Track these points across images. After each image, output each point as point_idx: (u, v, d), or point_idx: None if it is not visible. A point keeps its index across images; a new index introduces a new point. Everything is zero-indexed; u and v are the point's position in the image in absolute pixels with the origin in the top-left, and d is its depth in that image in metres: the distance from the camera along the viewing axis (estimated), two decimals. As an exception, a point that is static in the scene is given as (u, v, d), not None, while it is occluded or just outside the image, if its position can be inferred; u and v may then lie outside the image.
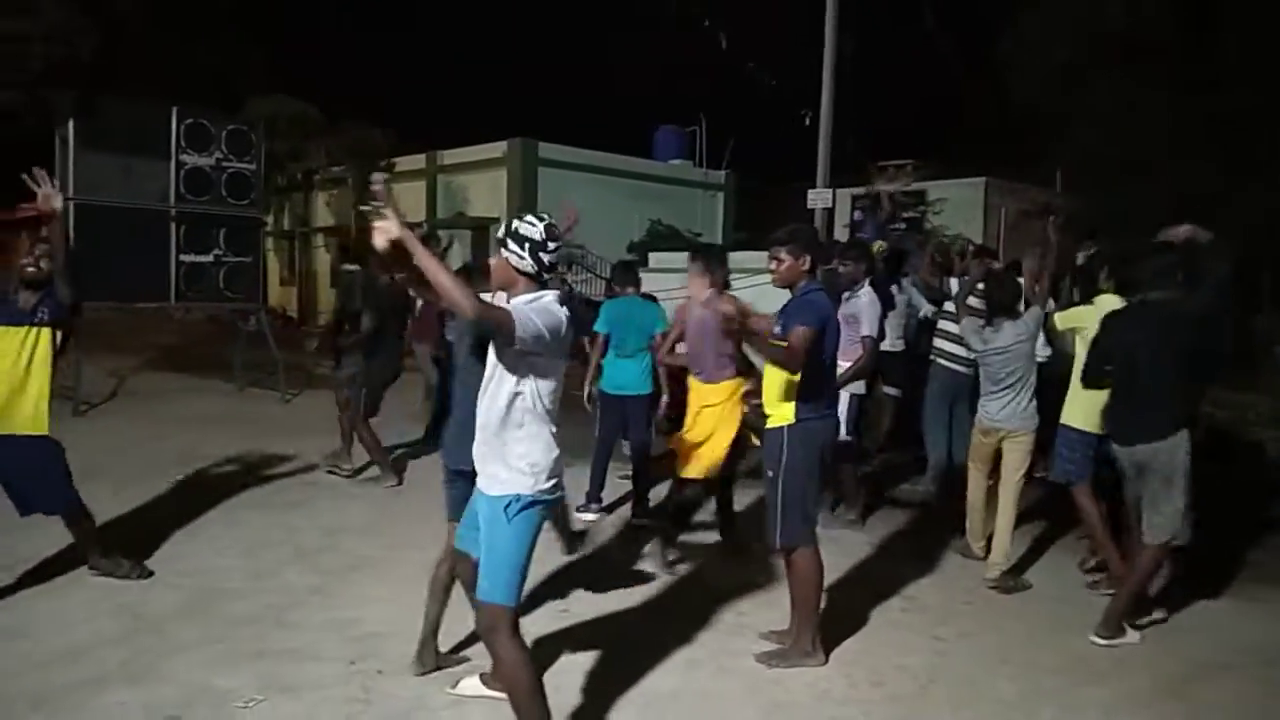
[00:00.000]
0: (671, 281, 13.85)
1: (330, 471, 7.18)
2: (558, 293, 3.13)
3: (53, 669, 3.81)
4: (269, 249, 23.52)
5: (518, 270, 3.07)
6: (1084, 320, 5.17)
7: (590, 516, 6.24)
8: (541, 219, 3.09)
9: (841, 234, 16.44)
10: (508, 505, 3.02)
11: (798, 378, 3.98)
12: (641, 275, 7.40)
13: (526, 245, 3.04)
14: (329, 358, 7.61)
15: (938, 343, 6.83)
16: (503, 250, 3.08)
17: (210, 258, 10.34)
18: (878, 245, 7.93)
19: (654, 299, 6.90)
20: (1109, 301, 5.19)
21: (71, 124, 9.32)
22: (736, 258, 15.58)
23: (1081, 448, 5.11)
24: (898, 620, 4.74)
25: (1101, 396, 4.85)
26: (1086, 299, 5.60)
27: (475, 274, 3.97)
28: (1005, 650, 4.38)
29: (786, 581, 4.31)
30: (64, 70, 15.16)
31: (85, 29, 15.67)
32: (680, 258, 16.09)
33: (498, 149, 19.18)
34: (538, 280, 3.08)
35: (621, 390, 6.23)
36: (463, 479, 3.53)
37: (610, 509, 6.48)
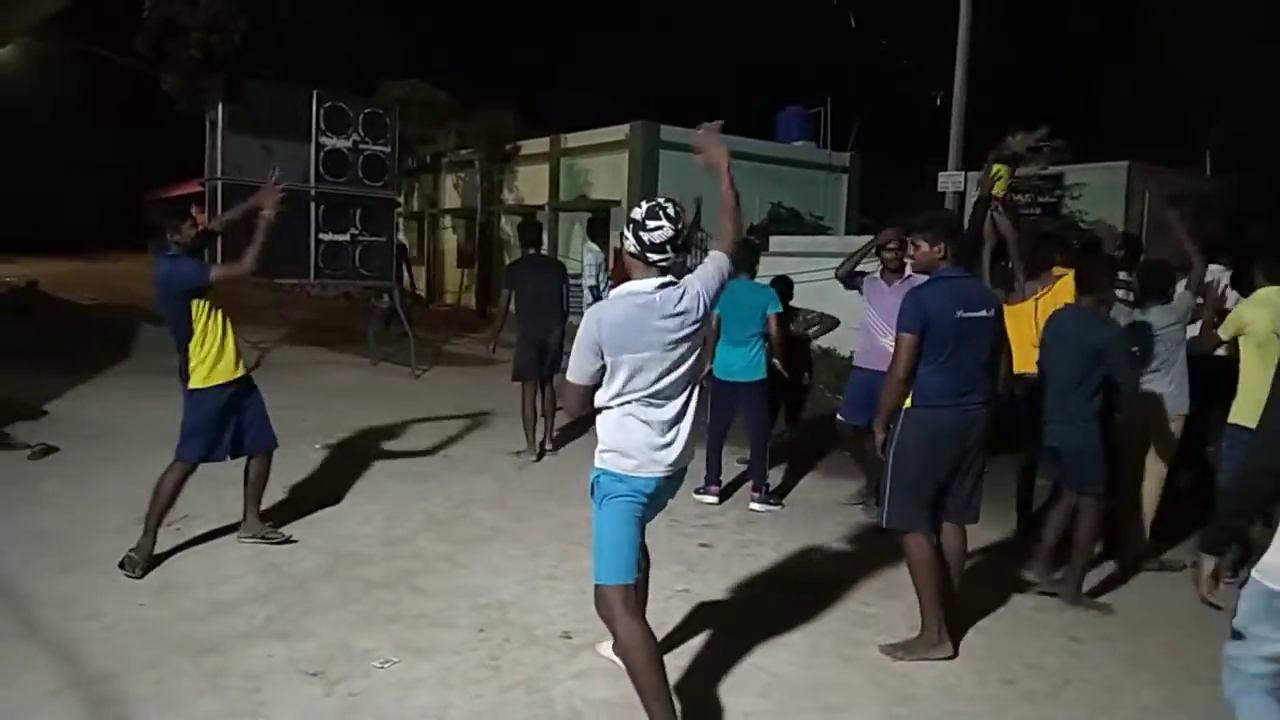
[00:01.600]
0: (792, 265, 13.70)
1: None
2: (663, 278, 3.10)
3: (206, 620, 4.07)
4: (400, 229, 24.35)
5: (628, 253, 3.12)
6: (1247, 320, 4.94)
7: (709, 499, 6.25)
8: (651, 200, 3.13)
9: (971, 218, 15.92)
10: (592, 487, 3.14)
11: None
12: (761, 259, 7.41)
13: (631, 225, 3.09)
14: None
15: None
16: (622, 236, 3.15)
17: (347, 236, 10.74)
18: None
19: (788, 280, 6.95)
20: (1268, 295, 4.94)
21: (220, 107, 9.80)
22: (857, 241, 15.34)
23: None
24: (1030, 619, 4.59)
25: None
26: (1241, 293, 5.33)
27: None
28: (1146, 655, 4.19)
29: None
30: (216, 57, 15.99)
31: (237, 17, 16.46)
32: (801, 241, 15.92)
33: (620, 132, 19.25)
34: (643, 260, 3.09)
35: (732, 376, 6.20)
36: None
37: (727, 493, 6.48)
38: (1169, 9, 12.37)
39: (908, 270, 5.66)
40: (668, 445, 3.13)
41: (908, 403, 4.04)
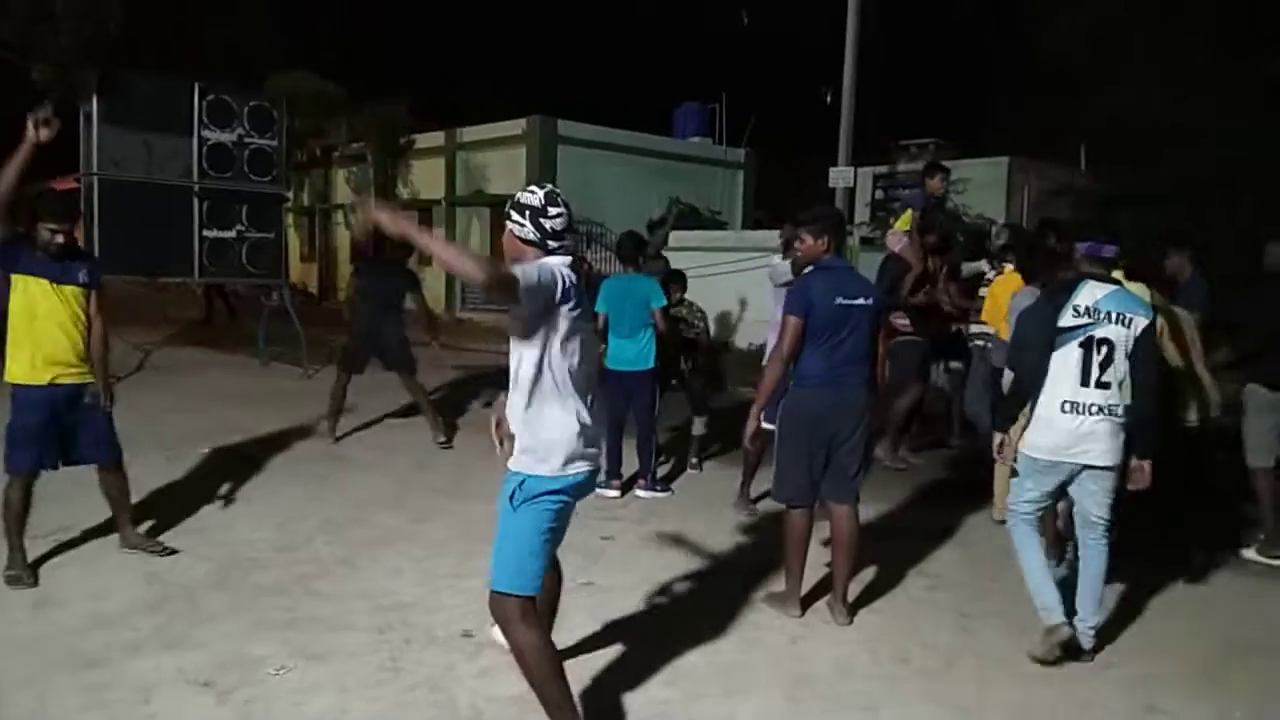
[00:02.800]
0: (690, 260, 13.83)
1: None
2: (567, 259, 3.09)
3: (88, 635, 3.88)
4: (289, 225, 23.64)
5: (521, 240, 3.06)
6: None
7: (611, 493, 6.27)
8: (543, 187, 3.11)
9: (863, 213, 16.35)
10: (514, 489, 2.99)
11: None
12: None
13: (527, 213, 3.03)
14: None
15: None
16: (507, 222, 3.08)
17: (233, 233, 10.39)
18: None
19: (680, 272, 7.14)
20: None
21: (95, 100, 9.36)
22: (755, 236, 15.61)
23: None
24: (923, 598, 4.75)
25: None
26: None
27: None
28: (1030, 627, 4.37)
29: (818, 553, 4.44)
30: (90, 47, 15.24)
31: (111, 5, 15.71)
32: (699, 236, 16.09)
33: (517, 126, 19.12)
34: (542, 248, 3.05)
35: (622, 366, 6.35)
36: None
37: (629, 485, 6.51)
38: (1044, 6, 12.90)
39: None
40: (588, 438, 3.09)
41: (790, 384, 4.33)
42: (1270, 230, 6.12)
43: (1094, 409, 3.96)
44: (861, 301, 4.27)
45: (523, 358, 3.01)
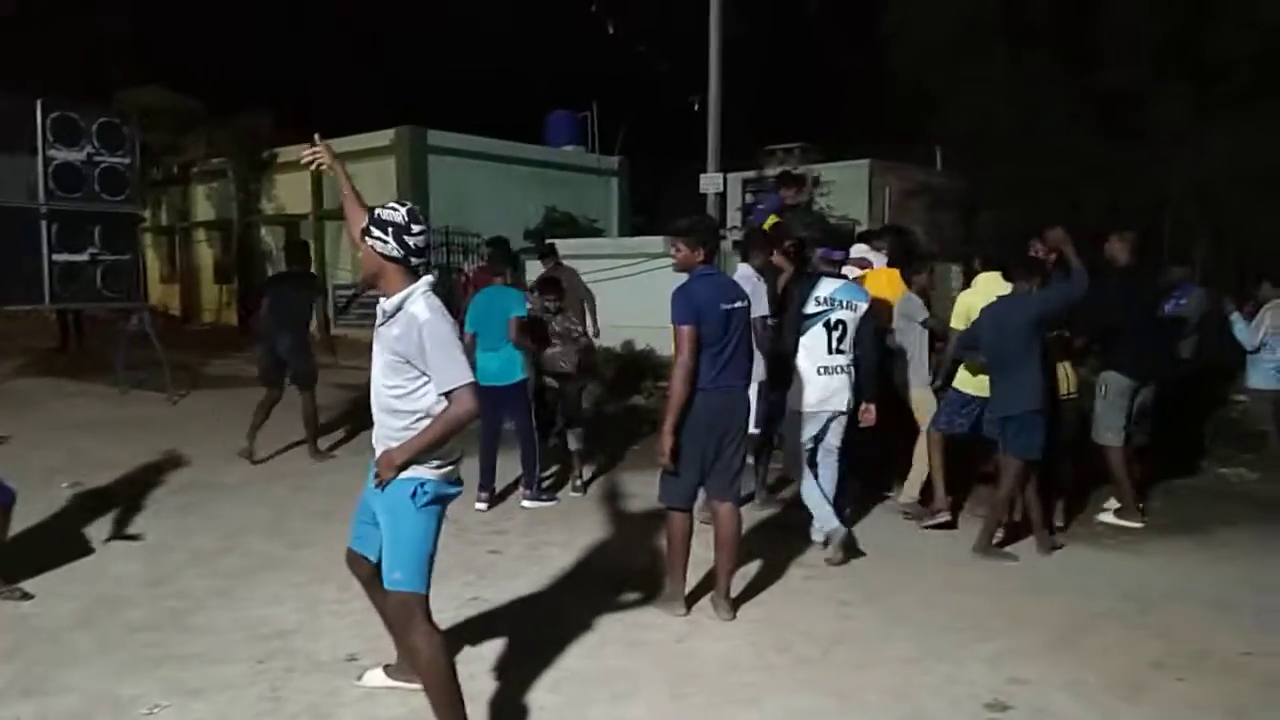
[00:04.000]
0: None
1: None
2: (429, 281, 3.13)
3: (-61, 689, 3.66)
4: (147, 245, 22.58)
5: (384, 256, 3.06)
6: (972, 304, 5.90)
7: (480, 506, 6.24)
8: (404, 204, 3.13)
9: (734, 217, 16.69)
10: (414, 492, 3.03)
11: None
12: (538, 262, 7.50)
13: (390, 230, 3.04)
14: None
15: None
16: (367, 239, 3.07)
17: (86, 256, 9.89)
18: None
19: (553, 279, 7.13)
20: (987, 282, 5.95)
21: (-74, 119, 8.80)
22: (633, 243, 15.76)
23: None
24: (800, 588, 4.92)
25: None
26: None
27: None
28: (904, 612, 4.59)
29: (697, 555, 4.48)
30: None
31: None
32: (577, 244, 16.14)
33: (384, 137, 18.75)
34: (405, 264, 3.08)
35: (490, 381, 6.11)
36: None
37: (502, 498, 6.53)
38: (894, 14, 13.45)
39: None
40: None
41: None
42: (1109, 229, 6.61)
43: (837, 369, 5.39)
44: (740, 304, 4.45)
45: (414, 387, 3.08)
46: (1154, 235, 10.92)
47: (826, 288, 5.48)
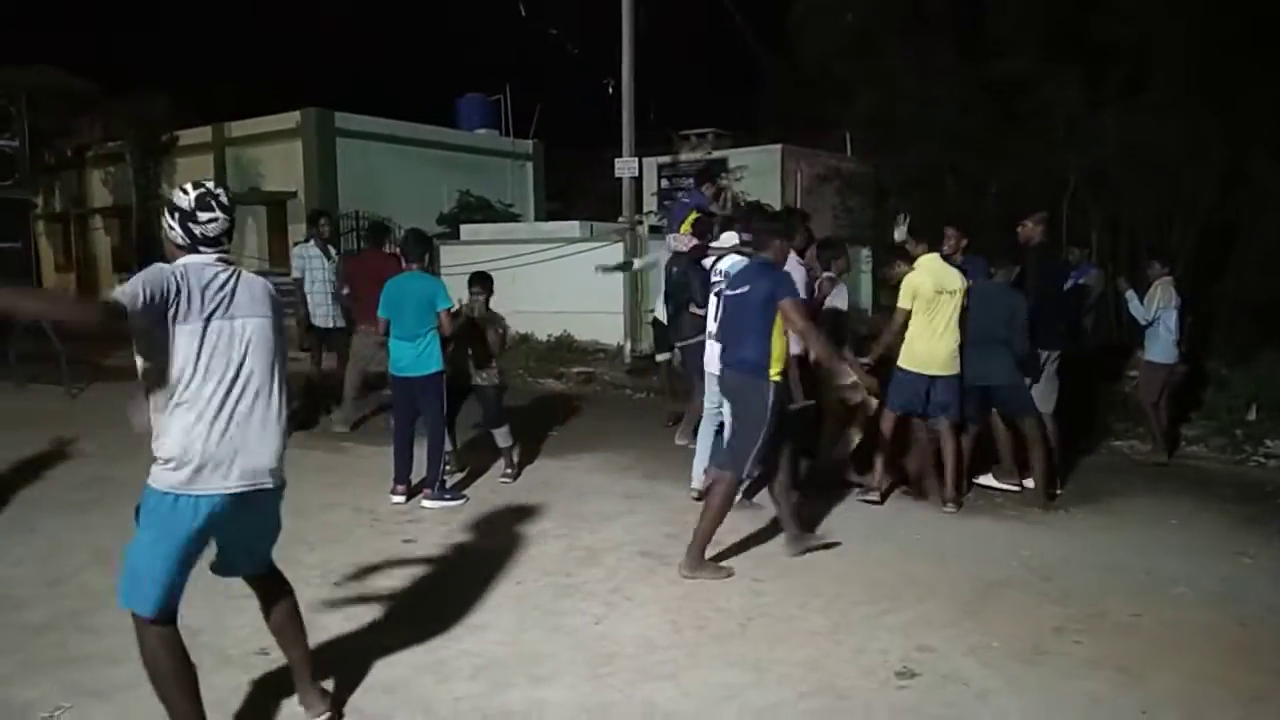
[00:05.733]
0: (484, 254, 13.74)
1: None
2: (208, 258, 2.85)
3: None
4: (40, 233, 21.61)
5: (171, 243, 2.86)
6: (917, 283, 6.07)
7: (397, 499, 6.12)
8: (200, 187, 2.87)
9: (650, 202, 16.75)
10: (139, 504, 2.85)
11: None
12: (453, 247, 7.36)
13: (176, 215, 2.83)
14: None
15: None
16: (163, 224, 2.87)
17: (-29, 244, 9.44)
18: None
19: (484, 273, 6.78)
20: (928, 262, 6.10)
21: None
22: (549, 228, 15.69)
23: None
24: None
25: None
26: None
27: None
28: (818, 587, 4.70)
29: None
30: None
31: None
32: (493, 229, 16.01)
33: (290, 119, 18.27)
34: (192, 253, 2.84)
35: (404, 372, 6.06)
36: None
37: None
38: (802, 4, 13.65)
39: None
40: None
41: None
42: (1013, 214, 6.88)
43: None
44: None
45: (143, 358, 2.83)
46: (1053, 220, 11.33)
47: (727, 264, 5.95)
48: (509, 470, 6.74)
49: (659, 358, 9.02)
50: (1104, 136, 10.48)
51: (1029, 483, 6.31)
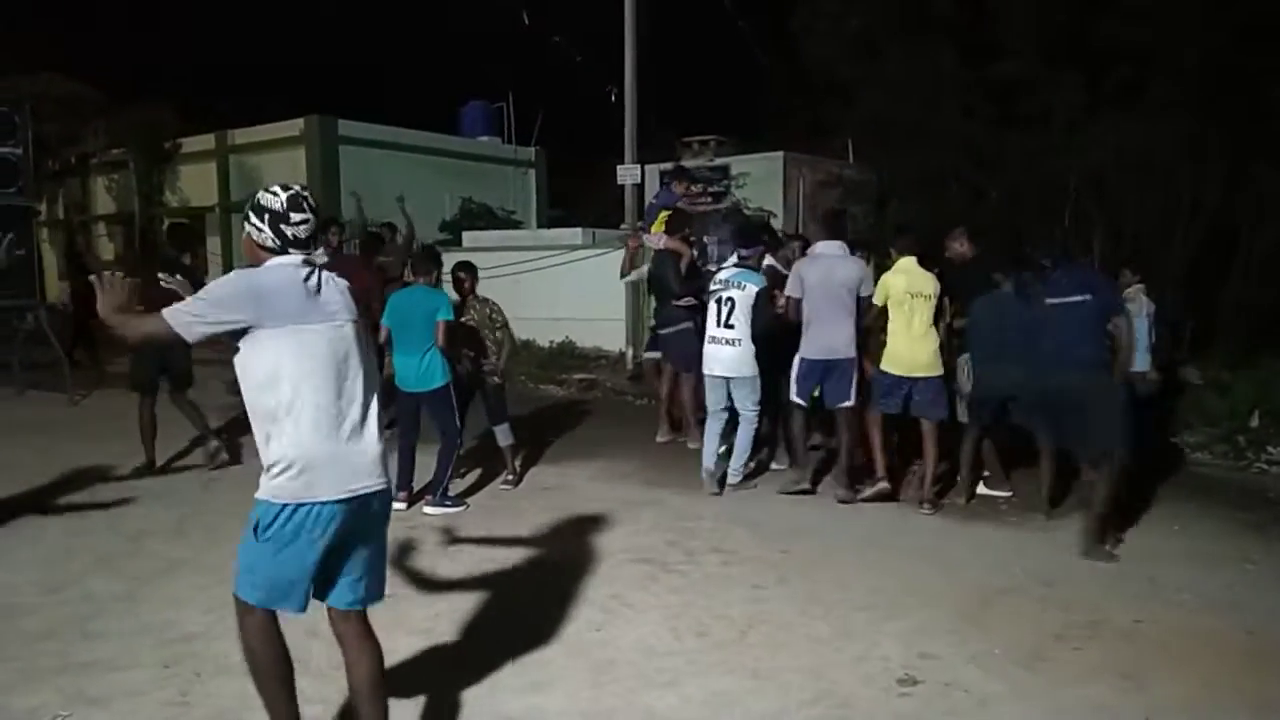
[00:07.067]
0: (487, 261, 13.73)
1: None
2: (294, 259, 2.82)
3: None
4: (44, 240, 21.64)
5: (259, 245, 2.82)
6: (891, 284, 6.22)
7: (399, 505, 6.11)
8: (289, 189, 2.84)
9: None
10: (256, 520, 2.79)
11: None
12: (455, 256, 7.35)
13: (266, 217, 2.79)
14: None
15: None
16: (246, 224, 2.84)
17: (-25, 251, 9.46)
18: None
19: (468, 262, 6.78)
20: (904, 265, 6.19)
21: None
22: (551, 234, 15.70)
23: None
24: (717, 573, 4.98)
25: None
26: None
27: None
28: (818, 593, 4.69)
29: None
30: None
31: None
32: (495, 236, 16.01)
33: (294, 127, 18.32)
34: (281, 255, 2.81)
35: (409, 387, 6.09)
36: None
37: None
38: (806, 9, 13.64)
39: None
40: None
41: None
42: (1015, 219, 6.89)
43: (723, 340, 6.39)
44: None
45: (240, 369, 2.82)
46: (1056, 225, 11.32)
47: (727, 271, 6.58)
48: (510, 476, 6.72)
49: (645, 356, 9.17)
50: (1104, 140, 10.46)
51: (983, 489, 6.45)
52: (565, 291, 13.54)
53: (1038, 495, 6.18)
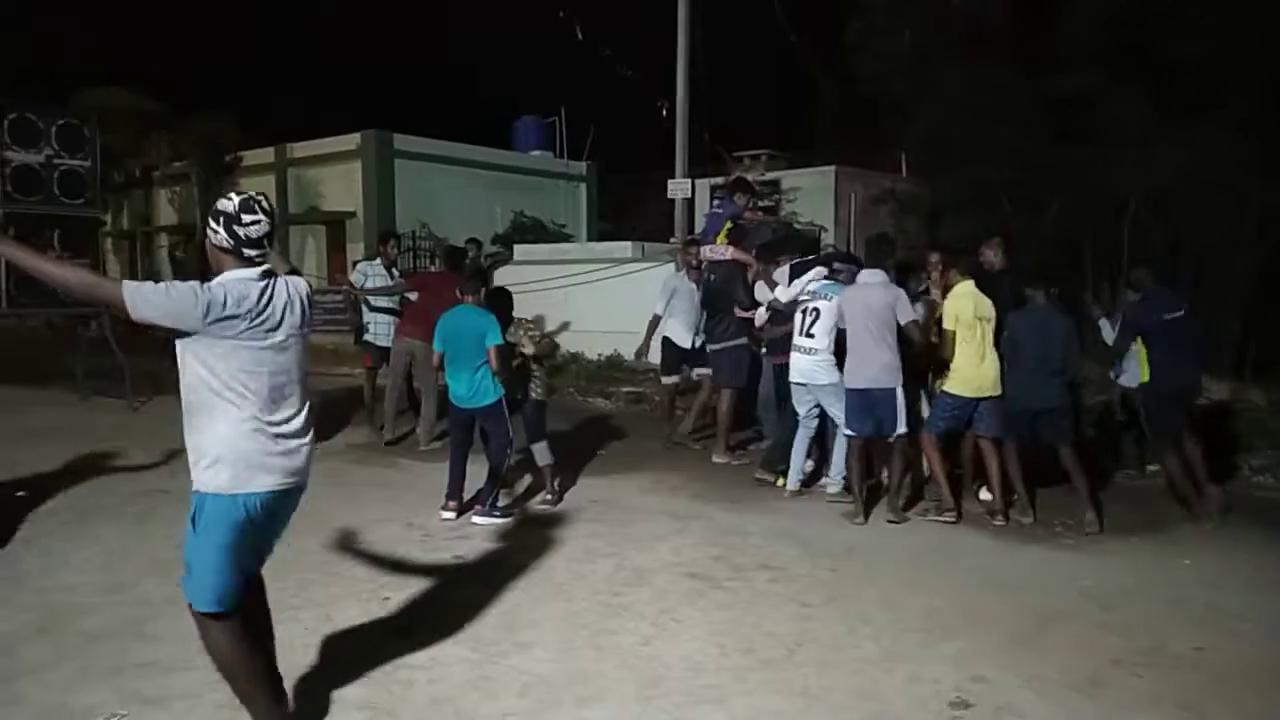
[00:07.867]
0: (536, 274, 13.85)
1: None
2: (257, 271, 3.02)
3: (-113, 701, 3.58)
4: (108, 250, 22.27)
5: (217, 248, 3.01)
6: (957, 310, 6.24)
7: (447, 515, 6.17)
8: (243, 194, 3.03)
9: (702, 223, 16.75)
10: (194, 510, 3.05)
11: None
12: (507, 268, 7.46)
13: (221, 219, 2.97)
14: None
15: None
16: (207, 230, 3.01)
17: (44, 261, 9.73)
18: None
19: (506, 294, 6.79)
20: (966, 289, 6.25)
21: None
22: (601, 248, 15.77)
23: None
24: (766, 590, 4.93)
25: None
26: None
27: None
28: (866, 613, 4.62)
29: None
30: None
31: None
32: (546, 249, 16.13)
33: (351, 141, 18.67)
34: (238, 255, 2.99)
35: (461, 404, 6.18)
36: None
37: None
38: (860, 23, 13.59)
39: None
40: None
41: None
42: (1070, 234, 6.79)
43: (804, 349, 6.57)
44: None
45: (182, 362, 3.07)
46: (1115, 241, 11.11)
47: (814, 282, 6.74)
48: (549, 495, 6.65)
49: (665, 380, 8.88)
50: (1170, 156, 10.24)
51: (985, 494, 6.54)
52: (614, 304, 13.57)
53: (1076, 515, 6.08)
